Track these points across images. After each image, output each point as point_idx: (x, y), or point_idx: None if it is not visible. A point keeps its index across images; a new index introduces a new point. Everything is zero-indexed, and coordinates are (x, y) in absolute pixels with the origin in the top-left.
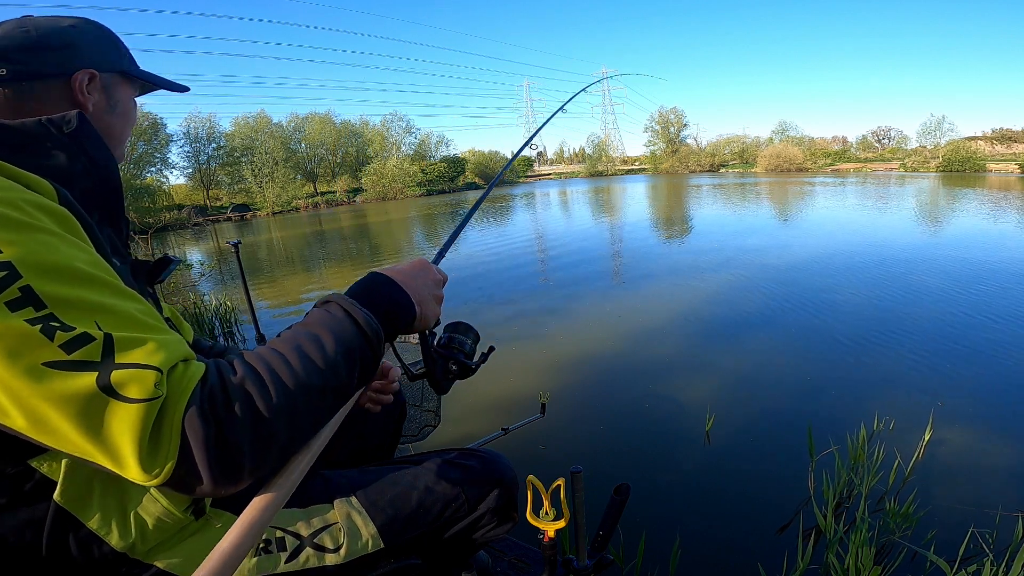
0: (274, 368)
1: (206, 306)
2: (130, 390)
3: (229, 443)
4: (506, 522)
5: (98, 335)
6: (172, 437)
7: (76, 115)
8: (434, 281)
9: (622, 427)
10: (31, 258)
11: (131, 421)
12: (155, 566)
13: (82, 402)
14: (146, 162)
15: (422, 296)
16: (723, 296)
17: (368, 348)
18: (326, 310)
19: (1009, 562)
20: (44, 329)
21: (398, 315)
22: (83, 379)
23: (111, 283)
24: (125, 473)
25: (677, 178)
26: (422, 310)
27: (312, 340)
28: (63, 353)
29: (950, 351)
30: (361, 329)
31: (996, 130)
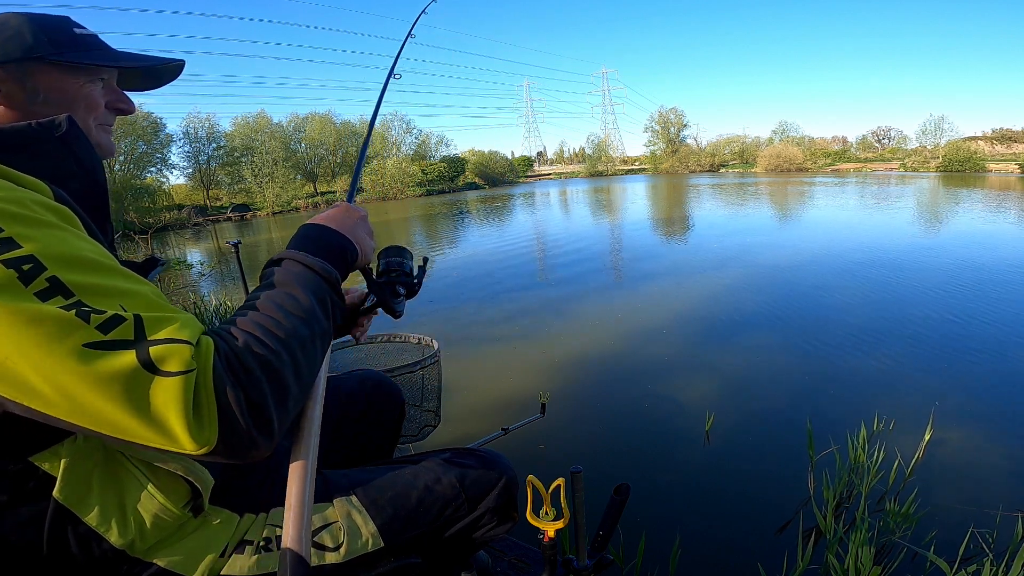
0: (269, 329)
1: (206, 306)
2: (170, 364)
3: (256, 403)
4: (506, 522)
5: (128, 316)
6: (210, 406)
7: (66, 118)
8: (360, 218)
9: (622, 427)
10: (51, 250)
11: (175, 394)
12: (155, 564)
13: (126, 379)
14: (146, 162)
15: (357, 235)
16: (723, 296)
17: (333, 292)
18: (285, 268)
19: (1009, 562)
20: (79, 313)
21: (344, 257)
22: (125, 356)
23: (123, 270)
24: (175, 447)
25: (677, 178)
26: (361, 247)
27: (288, 297)
28: (100, 334)
29: (950, 351)
30: (322, 276)
31: (996, 130)
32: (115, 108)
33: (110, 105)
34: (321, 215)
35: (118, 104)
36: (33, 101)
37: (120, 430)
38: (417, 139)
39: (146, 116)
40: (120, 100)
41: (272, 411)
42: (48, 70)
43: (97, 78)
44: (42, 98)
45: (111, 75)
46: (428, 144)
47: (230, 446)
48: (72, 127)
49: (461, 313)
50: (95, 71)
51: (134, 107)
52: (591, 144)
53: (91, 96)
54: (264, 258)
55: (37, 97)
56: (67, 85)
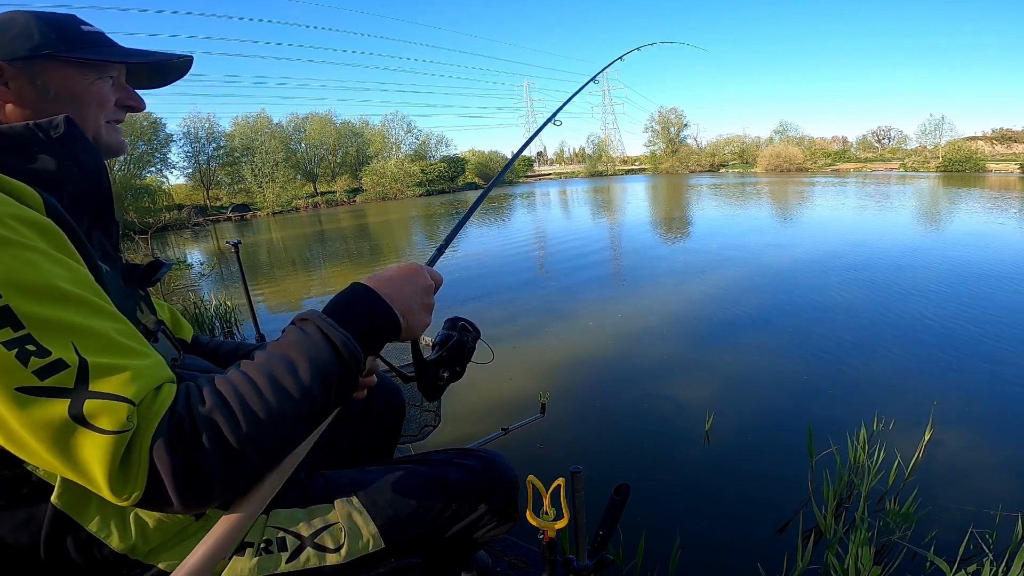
0: (244, 397)
1: (206, 306)
2: (101, 421)
3: (198, 471)
4: (506, 522)
5: (73, 361)
6: (140, 466)
7: (63, 119)
8: (423, 288)
9: (622, 427)
10: (11, 276)
11: (101, 451)
12: (156, 567)
13: (54, 429)
14: (146, 162)
15: (408, 306)
16: (723, 296)
17: (345, 370)
18: (301, 329)
19: (1009, 562)
20: (19, 354)
21: (380, 330)
22: (55, 406)
23: (92, 302)
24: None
25: (677, 178)
26: (408, 322)
27: (286, 365)
28: (36, 379)
29: (950, 351)
30: (338, 351)
31: (996, 130)
32: (125, 105)
33: (120, 102)
34: (382, 273)
35: (128, 101)
36: (44, 98)
37: (51, 468)
38: (417, 139)
39: (146, 116)
40: (130, 97)
41: (215, 484)
42: (58, 67)
43: (107, 75)
44: (52, 95)
45: (120, 72)
46: (428, 144)
47: (152, 504)
48: (70, 128)
49: (461, 313)
50: (104, 68)
51: (144, 104)
52: (591, 144)
53: (101, 93)
54: (264, 258)
55: (48, 95)
56: (77, 82)
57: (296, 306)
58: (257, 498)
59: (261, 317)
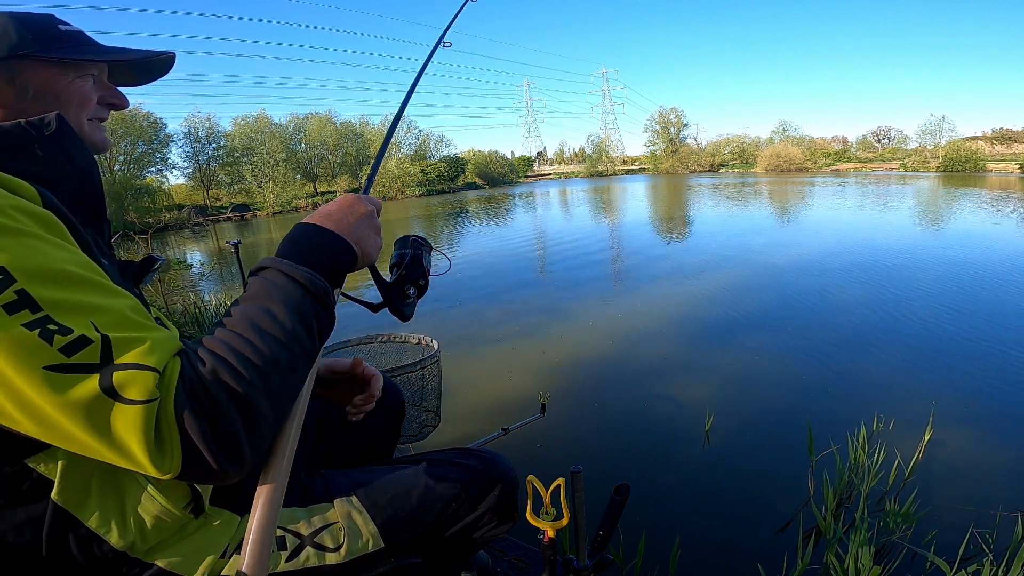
0: (239, 351)
1: (206, 306)
2: (131, 391)
3: (224, 434)
4: (506, 522)
5: (95, 337)
6: (172, 435)
7: (55, 117)
8: (366, 214)
9: (622, 427)
10: (23, 262)
11: (136, 422)
12: (156, 565)
13: (87, 405)
14: (146, 162)
15: (358, 234)
16: (723, 296)
17: (319, 306)
18: (265, 278)
19: (1009, 562)
20: (42, 333)
21: (337, 262)
22: (86, 382)
23: (101, 283)
24: (141, 471)
25: (677, 178)
26: (361, 247)
27: (266, 315)
28: (63, 356)
29: (950, 351)
30: (307, 290)
31: (996, 130)
32: (108, 103)
33: (102, 101)
34: (321, 209)
35: (110, 99)
36: (23, 98)
37: (87, 451)
38: (417, 139)
39: (146, 116)
40: (112, 95)
41: (243, 441)
42: (36, 67)
43: (87, 74)
44: (32, 95)
45: (101, 70)
46: (428, 144)
47: (195, 474)
48: (62, 125)
49: (461, 313)
50: (83, 66)
51: (127, 102)
52: (591, 144)
53: (82, 92)
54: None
55: (27, 94)
56: (56, 81)
57: None
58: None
59: None
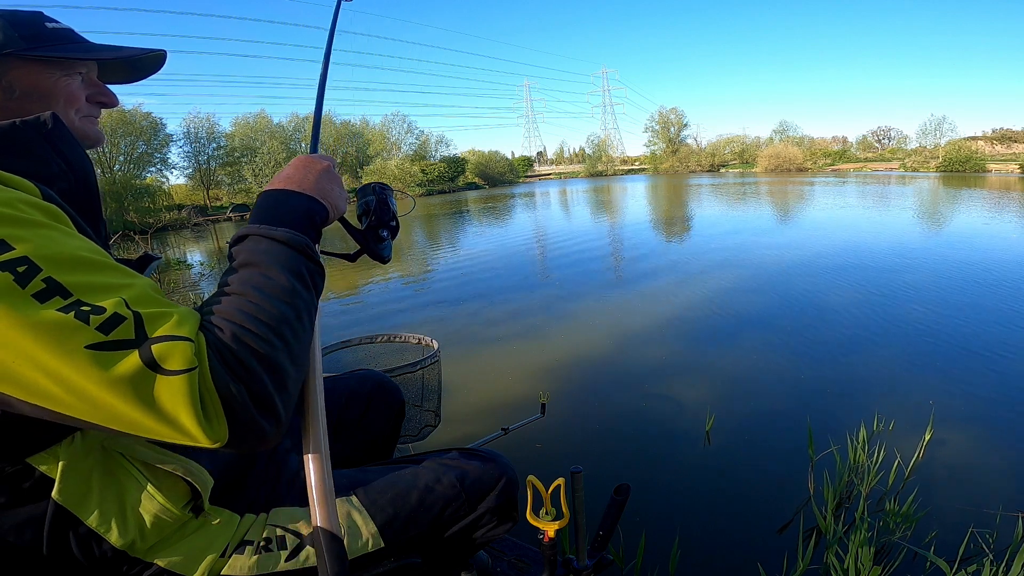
0: (256, 316)
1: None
2: (172, 362)
3: (258, 394)
4: (506, 522)
5: (127, 314)
6: (215, 402)
7: (51, 116)
8: (323, 169)
9: (622, 427)
10: (44, 251)
11: (182, 392)
12: (156, 564)
13: (133, 380)
14: (146, 162)
15: (322, 189)
16: (723, 296)
17: (309, 260)
18: (250, 247)
19: (1009, 562)
20: (78, 315)
21: (310, 219)
22: (129, 357)
23: (117, 266)
24: (193, 442)
25: (677, 178)
26: (330, 201)
27: (263, 277)
28: (101, 335)
29: (950, 351)
30: (293, 248)
31: (996, 130)
32: (97, 101)
33: (92, 99)
34: (279, 175)
35: (99, 97)
36: (9, 97)
37: (137, 428)
38: (417, 139)
39: (146, 116)
40: (101, 93)
41: (276, 399)
42: (21, 65)
43: (74, 72)
44: (17, 94)
45: (91, 68)
46: (428, 144)
47: (242, 438)
48: (57, 124)
49: (461, 313)
50: (71, 65)
51: (116, 100)
52: (591, 144)
53: (69, 90)
54: None
55: (12, 93)
56: (42, 80)
57: None
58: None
59: None
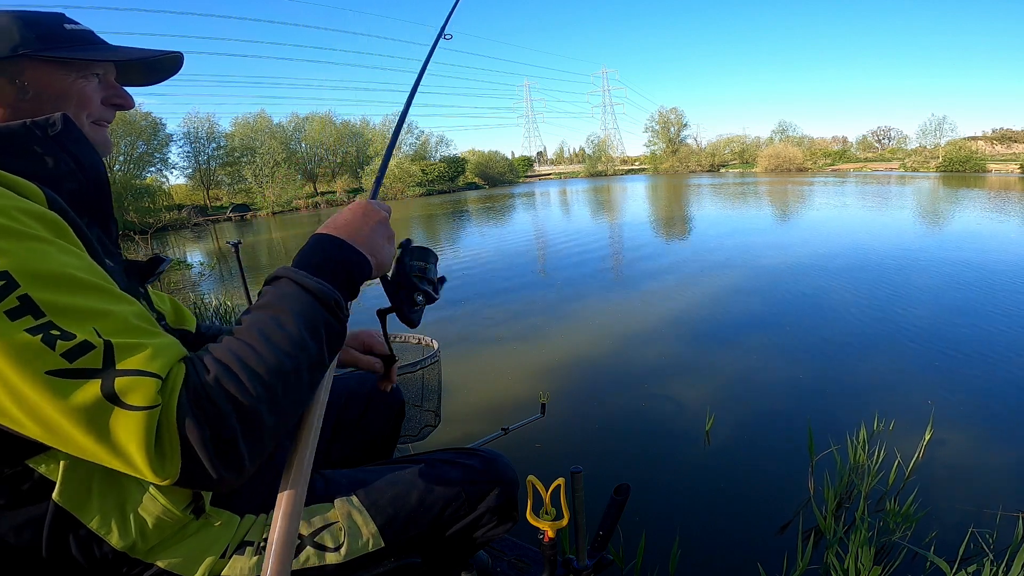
0: (243, 358)
1: (206, 306)
2: (133, 397)
3: (224, 440)
4: (506, 522)
5: (98, 342)
6: (173, 442)
7: (60, 117)
8: (380, 222)
9: (622, 427)
10: (27, 266)
11: (136, 429)
12: (156, 565)
13: (89, 410)
14: (146, 162)
15: (373, 245)
16: (723, 296)
17: (331, 316)
18: (279, 288)
19: (1009, 562)
20: (45, 338)
21: (351, 273)
22: (88, 387)
23: (106, 288)
24: (140, 476)
25: (677, 178)
26: (376, 259)
27: (274, 323)
28: (65, 362)
29: (951, 351)
30: (318, 299)
31: (996, 130)
32: (112, 104)
33: (107, 101)
34: (335, 219)
35: (115, 99)
36: (23, 98)
37: (88, 455)
38: (418, 139)
39: (145, 116)
40: (117, 95)
41: (242, 448)
42: (37, 67)
43: (91, 74)
44: (32, 95)
45: (107, 70)
46: (428, 144)
47: (194, 481)
48: (68, 125)
49: (461, 313)
50: (87, 66)
51: (132, 102)
52: (591, 144)
53: (83, 92)
54: (264, 258)
55: (26, 94)
56: (57, 81)
57: None
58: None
59: None
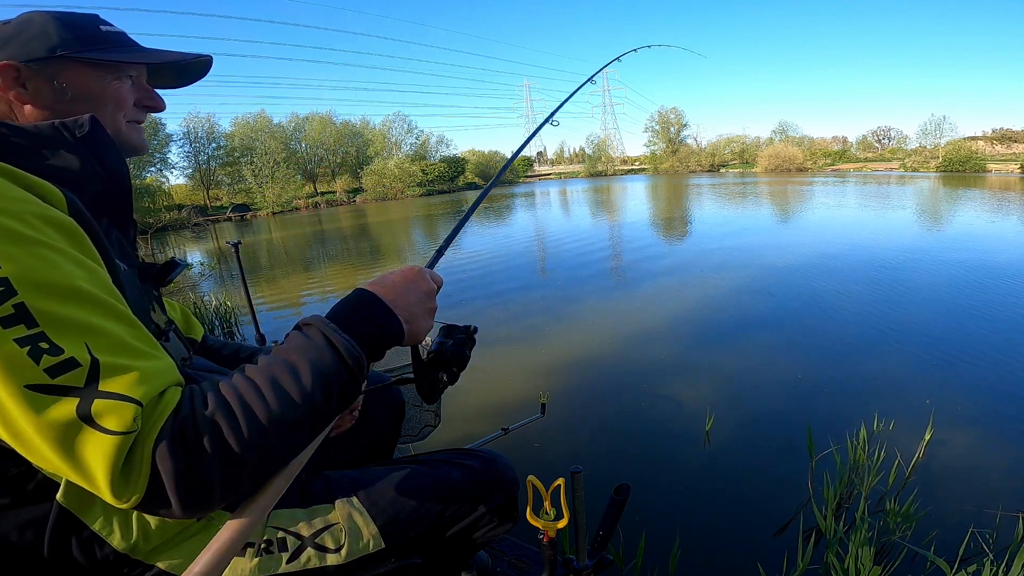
0: (247, 401)
1: (206, 306)
2: (108, 421)
3: (198, 475)
4: (506, 522)
5: (85, 360)
6: (143, 469)
7: (88, 119)
8: (426, 292)
9: (622, 427)
10: (29, 274)
11: (105, 452)
12: (157, 566)
13: (60, 427)
14: (146, 162)
15: (412, 312)
16: (723, 296)
17: (347, 375)
18: (305, 334)
19: (1009, 562)
20: (32, 351)
21: (383, 336)
22: (64, 405)
23: (108, 303)
24: (100, 495)
25: (677, 178)
26: (411, 327)
27: (288, 370)
28: (47, 377)
29: (951, 351)
30: (341, 357)
31: (996, 130)
32: (144, 106)
33: (139, 102)
34: (384, 278)
35: (147, 101)
36: (61, 99)
37: (51, 468)
38: (417, 139)
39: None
40: (150, 97)
41: (215, 488)
42: (74, 68)
43: (125, 75)
44: (70, 96)
45: (140, 72)
46: (428, 144)
47: (153, 508)
48: (95, 128)
49: (461, 313)
50: (122, 68)
51: (164, 104)
52: (591, 144)
53: (119, 93)
54: (264, 258)
55: (65, 95)
56: (94, 82)
57: (297, 305)
58: (262, 502)
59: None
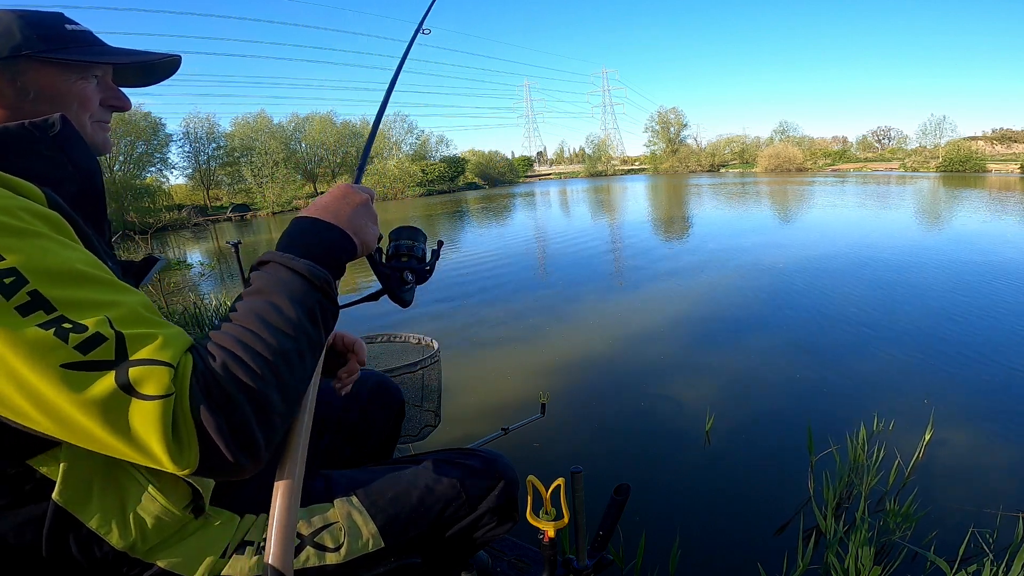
0: (250, 345)
1: (206, 306)
2: (148, 387)
3: (239, 425)
4: (506, 522)
5: (109, 334)
6: (189, 430)
7: (59, 118)
8: (361, 203)
9: (622, 427)
10: (34, 263)
11: (154, 418)
12: (156, 565)
13: (105, 401)
14: (146, 162)
15: (356, 224)
16: (723, 296)
17: (324, 297)
18: (267, 272)
19: (1009, 562)
20: (58, 332)
21: (336, 252)
22: (103, 379)
23: (111, 280)
24: (160, 467)
25: (677, 178)
26: (360, 238)
27: (271, 308)
28: (79, 354)
29: (951, 351)
30: (309, 281)
31: (996, 130)
32: (110, 105)
33: (105, 102)
34: (317, 202)
35: (113, 101)
36: (23, 99)
37: (106, 448)
38: (418, 139)
39: (145, 116)
40: (115, 97)
41: (256, 433)
42: (38, 68)
43: (90, 75)
44: (32, 96)
45: (105, 71)
46: (428, 144)
47: (213, 468)
48: (66, 127)
49: (461, 313)
50: (87, 68)
51: (130, 104)
52: (591, 144)
53: (84, 93)
54: None
55: (27, 95)
56: (58, 82)
57: None
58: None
59: None
